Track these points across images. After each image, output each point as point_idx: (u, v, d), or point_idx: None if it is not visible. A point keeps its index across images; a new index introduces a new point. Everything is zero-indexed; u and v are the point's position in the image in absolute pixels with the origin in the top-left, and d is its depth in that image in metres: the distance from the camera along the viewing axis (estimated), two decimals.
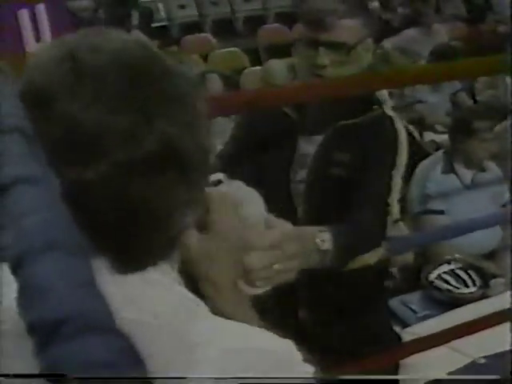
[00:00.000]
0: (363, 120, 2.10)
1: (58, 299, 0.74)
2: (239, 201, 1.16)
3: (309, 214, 2.09)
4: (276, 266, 1.46)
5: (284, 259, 1.51)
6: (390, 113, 2.14)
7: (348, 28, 2.02)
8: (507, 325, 2.43)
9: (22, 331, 0.76)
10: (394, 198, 2.04)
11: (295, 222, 1.63)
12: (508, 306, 2.60)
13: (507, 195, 4.28)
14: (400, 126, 2.11)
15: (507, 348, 2.68)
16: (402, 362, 2.36)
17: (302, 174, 2.11)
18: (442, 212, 4.14)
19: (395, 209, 2.05)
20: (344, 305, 2.05)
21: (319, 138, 2.10)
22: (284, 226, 1.49)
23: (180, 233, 0.98)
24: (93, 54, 0.91)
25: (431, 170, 4.28)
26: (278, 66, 6.69)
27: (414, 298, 3.62)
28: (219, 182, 1.48)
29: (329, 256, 1.78)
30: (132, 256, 0.93)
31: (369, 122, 2.10)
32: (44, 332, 0.74)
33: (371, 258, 2.03)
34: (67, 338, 0.72)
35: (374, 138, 2.08)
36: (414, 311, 3.51)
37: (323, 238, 1.78)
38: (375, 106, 2.13)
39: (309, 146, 2.11)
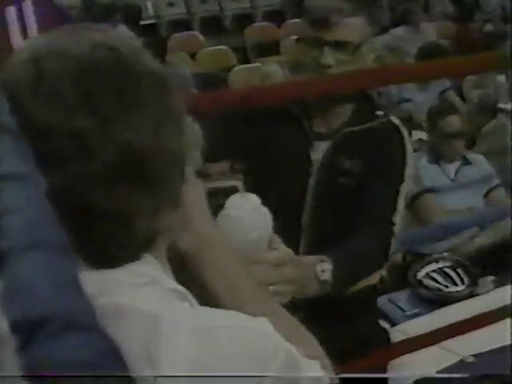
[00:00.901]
0: (371, 127, 2.07)
1: (40, 298, 0.74)
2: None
3: (314, 226, 2.07)
4: (271, 287, 1.47)
5: (280, 281, 1.56)
6: (396, 121, 2.12)
7: (353, 26, 1.98)
8: (497, 324, 2.44)
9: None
10: (399, 216, 2.03)
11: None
12: (496, 304, 2.60)
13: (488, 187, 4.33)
14: (406, 135, 2.10)
15: (496, 346, 2.69)
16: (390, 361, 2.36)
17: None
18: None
19: (398, 227, 2.05)
20: (337, 307, 2.04)
21: (325, 145, 2.07)
22: (286, 250, 1.53)
23: (158, 230, 0.96)
24: (55, 59, 0.90)
25: (419, 160, 4.32)
26: (272, 68, 6.72)
27: (402, 297, 3.63)
28: (234, 189, 1.45)
29: (328, 285, 1.79)
30: (103, 254, 0.92)
31: (377, 130, 2.07)
32: (26, 331, 0.73)
33: (372, 279, 2.04)
34: (50, 337, 0.72)
35: (383, 146, 2.06)
36: (402, 309, 3.52)
37: (323, 268, 1.79)
38: (380, 113, 2.11)
39: (315, 153, 2.08)
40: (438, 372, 2.59)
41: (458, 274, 3.65)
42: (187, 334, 0.89)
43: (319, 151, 2.07)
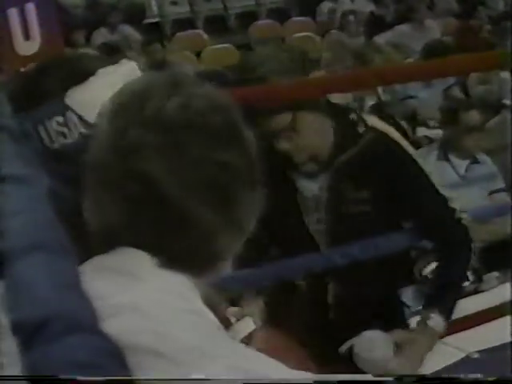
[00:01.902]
0: (363, 148, 2.02)
1: (42, 300, 0.74)
2: None
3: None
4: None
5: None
6: (378, 125, 2.08)
7: None
8: (500, 320, 2.43)
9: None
10: (457, 205, 2.10)
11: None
12: (501, 300, 2.60)
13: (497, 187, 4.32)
14: (396, 135, 2.08)
15: (500, 343, 2.68)
16: None
17: (317, 215, 2.06)
18: None
19: (464, 214, 2.12)
20: (371, 298, 2.10)
21: (320, 177, 2.04)
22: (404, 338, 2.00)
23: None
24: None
25: (427, 157, 4.30)
26: None
27: (407, 293, 3.62)
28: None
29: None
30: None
31: (370, 148, 2.02)
32: (28, 332, 0.73)
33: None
34: (51, 339, 0.72)
35: (386, 162, 2.02)
36: (407, 306, 3.51)
37: (435, 322, 2.05)
38: (362, 130, 2.04)
39: (310, 186, 2.05)
40: (444, 369, 2.59)
41: None
42: (221, 370, 0.90)
43: (315, 183, 2.04)
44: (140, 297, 0.94)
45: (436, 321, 2.05)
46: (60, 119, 1.13)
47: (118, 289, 0.95)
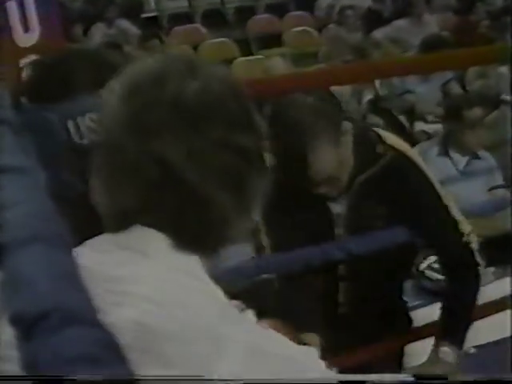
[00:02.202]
0: (383, 168, 2.04)
1: (41, 292, 0.74)
2: None
3: (353, 278, 2.12)
4: None
5: None
6: (411, 153, 2.09)
7: None
8: (497, 315, 2.44)
9: None
10: (464, 223, 2.11)
11: None
12: (497, 295, 2.60)
13: (496, 182, 4.33)
14: (426, 168, 2.09)
15: (497, 338, 2.69)
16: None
17: (337, 231, 2.08)
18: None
19: (466, 225, 2.12)
20: (380, 291, 2.12)
21: (341, 198, 2.06)
22: None
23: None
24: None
25: (428, 151, 4.31)
26: (277, 63, 6.75)
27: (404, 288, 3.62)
28: None
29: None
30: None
31: (389, 167, 2.04)
32: (26, 325, 0.73)
33: None
34: (50, 331, 0.71)
35: (404, 181, 2.05)
36: (404, 301, 3.51)
37: (447, 355, 2.06)
38: (381, 150, 2.05)
39: (333, 207, 2.06)
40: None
41: None
42: (239, 349, 0.92)
43: (340, 204, 2.06)
44: (152, 275, 0.95)
45: (447, 353, 2.09)
46: (94, 116, 1.12)
47: (129, 267, 0.96)
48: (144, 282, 0.94)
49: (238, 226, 1.04)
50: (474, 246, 2.13)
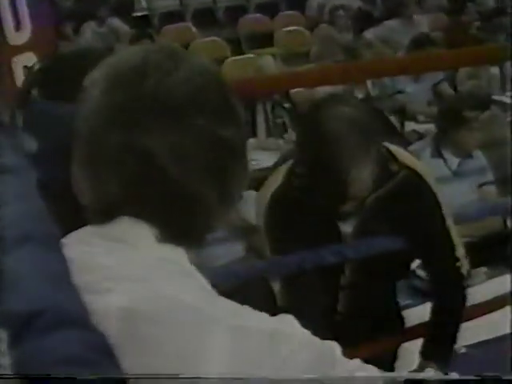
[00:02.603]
0: (395, 187, 2.00)
1: (31, 293, 0.73)
2: None
3: (354, 288, 2.12)
4: None
5: None
6: (423, 172, 2.06)
7: None
8: (489, 315, 2.44)
9: None
10: (460, 249, 2.11)
11: None
12: (489, 295, 2.61)
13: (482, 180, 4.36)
14: (433, 184, 2.07)
15: (488, 337, 2.70)
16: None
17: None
18: None
19: (465, 262, 2.13)
20: (376, 293, 2.13)
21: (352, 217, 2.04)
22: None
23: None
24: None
25: (421, 152, 4.31)
26: (268, 62, 6.77)
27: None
28: None
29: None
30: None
31: (401, 188, 2.01)
32: (17, 325, 0.72)
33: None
34: (41, 332, 0.71)
35: (415, 202, 2.03)
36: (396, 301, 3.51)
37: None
38: (395, 167, 2.01)
39: (344, 227, 2.05)
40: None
41: None
42: (225, 331, 0.92)
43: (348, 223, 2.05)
44: (138, 263, 0.96)
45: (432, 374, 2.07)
46: None
47: (116, 256, 0.97)
48: (130, 269, 0.95)
49: (222, 216, 1.04)
50: (464, 271, 2.14)
